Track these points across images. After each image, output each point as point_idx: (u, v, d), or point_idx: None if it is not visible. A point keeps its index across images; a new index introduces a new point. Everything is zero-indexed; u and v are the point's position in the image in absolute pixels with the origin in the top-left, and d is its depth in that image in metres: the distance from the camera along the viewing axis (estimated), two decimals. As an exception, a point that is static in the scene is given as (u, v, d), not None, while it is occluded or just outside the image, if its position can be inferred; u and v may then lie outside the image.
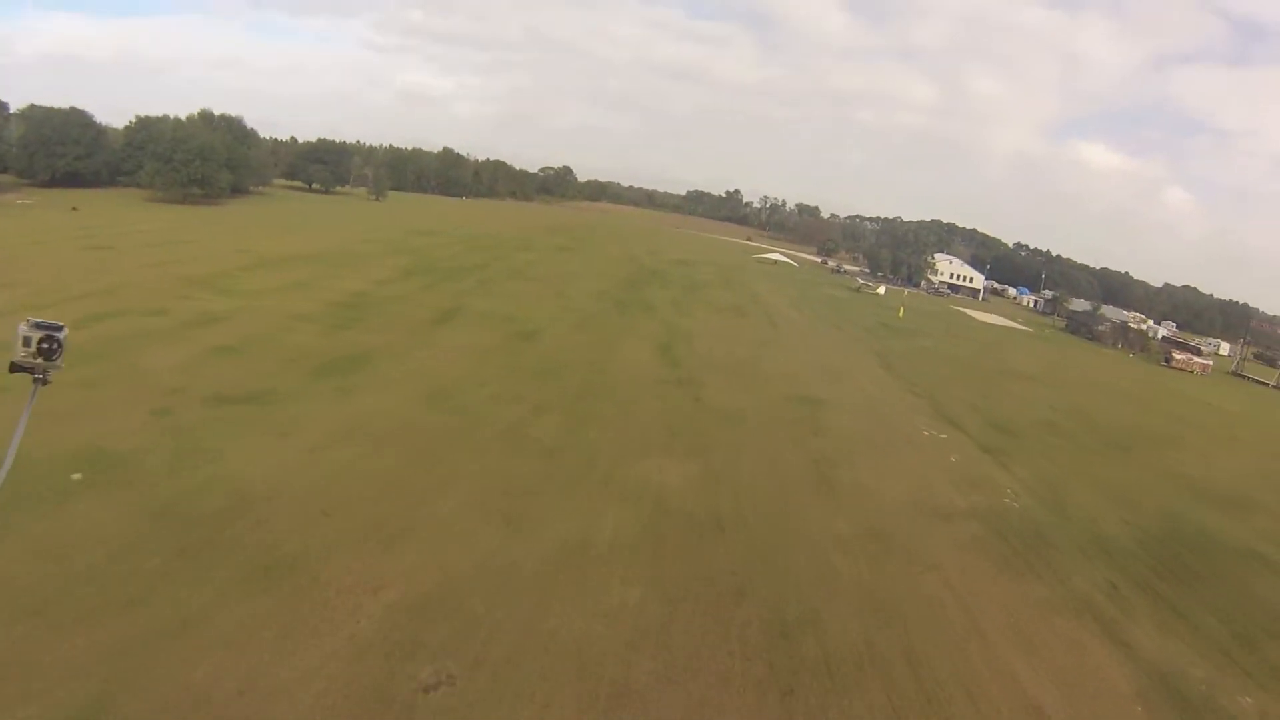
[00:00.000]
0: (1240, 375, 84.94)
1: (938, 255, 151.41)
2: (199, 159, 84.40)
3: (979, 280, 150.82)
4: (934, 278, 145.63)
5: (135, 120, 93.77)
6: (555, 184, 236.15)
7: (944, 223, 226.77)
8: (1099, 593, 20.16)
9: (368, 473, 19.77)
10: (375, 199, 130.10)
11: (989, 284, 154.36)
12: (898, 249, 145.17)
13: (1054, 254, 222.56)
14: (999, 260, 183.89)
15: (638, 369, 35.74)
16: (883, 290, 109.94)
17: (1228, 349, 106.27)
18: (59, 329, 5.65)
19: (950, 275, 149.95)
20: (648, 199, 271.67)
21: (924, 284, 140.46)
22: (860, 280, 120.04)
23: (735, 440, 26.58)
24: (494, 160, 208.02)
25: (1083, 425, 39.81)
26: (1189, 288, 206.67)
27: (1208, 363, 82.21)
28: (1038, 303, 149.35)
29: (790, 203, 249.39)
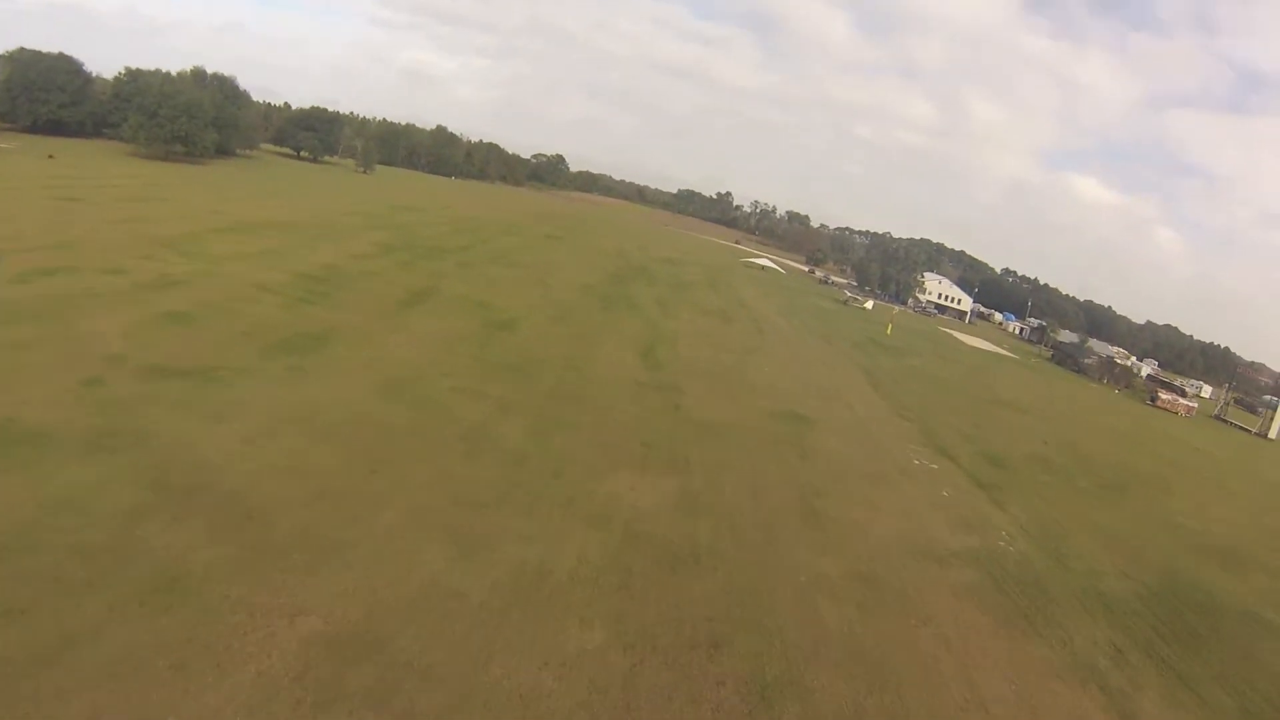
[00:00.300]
0: (1223, 419, 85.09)
1: (927, 274, 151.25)
2: (185, 116, 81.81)
3: (967, 302, 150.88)
4: (922, 296, 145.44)
5: (124, 72, 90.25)
6: (547, 171, 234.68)
7: (933, 242, 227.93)
8: (1103, 656, 18.67)
9: (305, 471, 17.64)
10: (363, 171, 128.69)
11: (975, 307, 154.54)
12: (887, 264, 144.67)
13: (1041, 282, 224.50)
14: (986, 284, 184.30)
15: (617, 370, 33.80)
16: (870, 305, 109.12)
17: (1209, 391, 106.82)
18: None
19: (938, 295, 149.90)
20: (638, 194, 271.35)
21: (911, 302, 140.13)
22: (848, 293, 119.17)
23: (716, 458, 24.73)
24: (487, 142, 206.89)
25: (1076, 463, 38.59)
26: (1170, 327, 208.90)
27: (1193, 405, 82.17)
28: (1024, 330, 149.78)
29: (780, 209, 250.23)
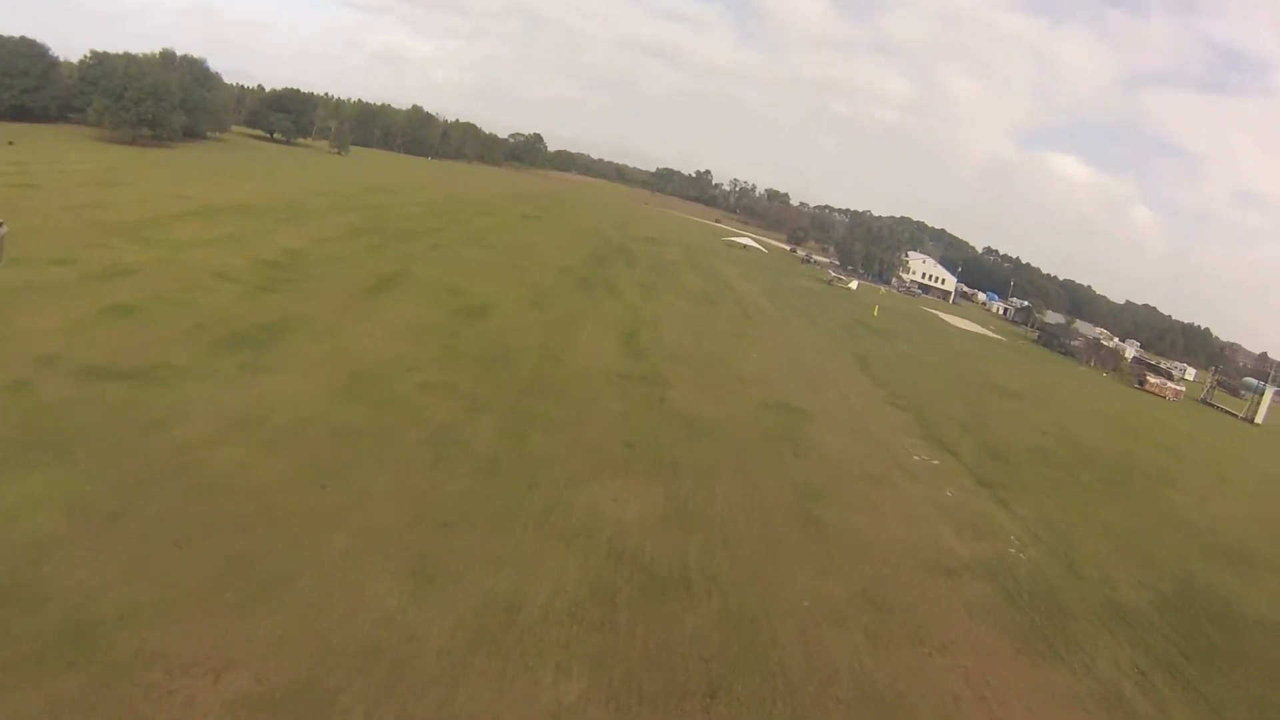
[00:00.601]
0: (1209, 404, 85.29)
1: (911, 253, 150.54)
2: (151, 98, 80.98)
3: (950, 282, 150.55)
4: (906, 276, 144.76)
5: (90, 55, 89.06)
6: (525, 151, 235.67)
7: (913, 220, 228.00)
8: (1128, 681, 17.33)
9: (248, 487, 15.67)
10: (337, 153, 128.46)
11: (959, 287, 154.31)
12: (871, 243, 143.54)
13: (1023, 261, 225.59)
14: (968, 263, 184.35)
15: (597, 359, 31.90)
16: (855, 285, 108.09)
17: (1193, 374, 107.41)
18: None
19: (922, 275, 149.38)
20: (617, 173, 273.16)
21: (895, 282, 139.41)
22: (832, 273, 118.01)
23: (705, 459, 22.99)
24: (464, 122, 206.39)
25: (1076, 455, 37.49)
26: (1149, 306, 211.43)
27: (1181, 389, 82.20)
28: (1007, 310, 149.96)
29: (760, 187, 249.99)
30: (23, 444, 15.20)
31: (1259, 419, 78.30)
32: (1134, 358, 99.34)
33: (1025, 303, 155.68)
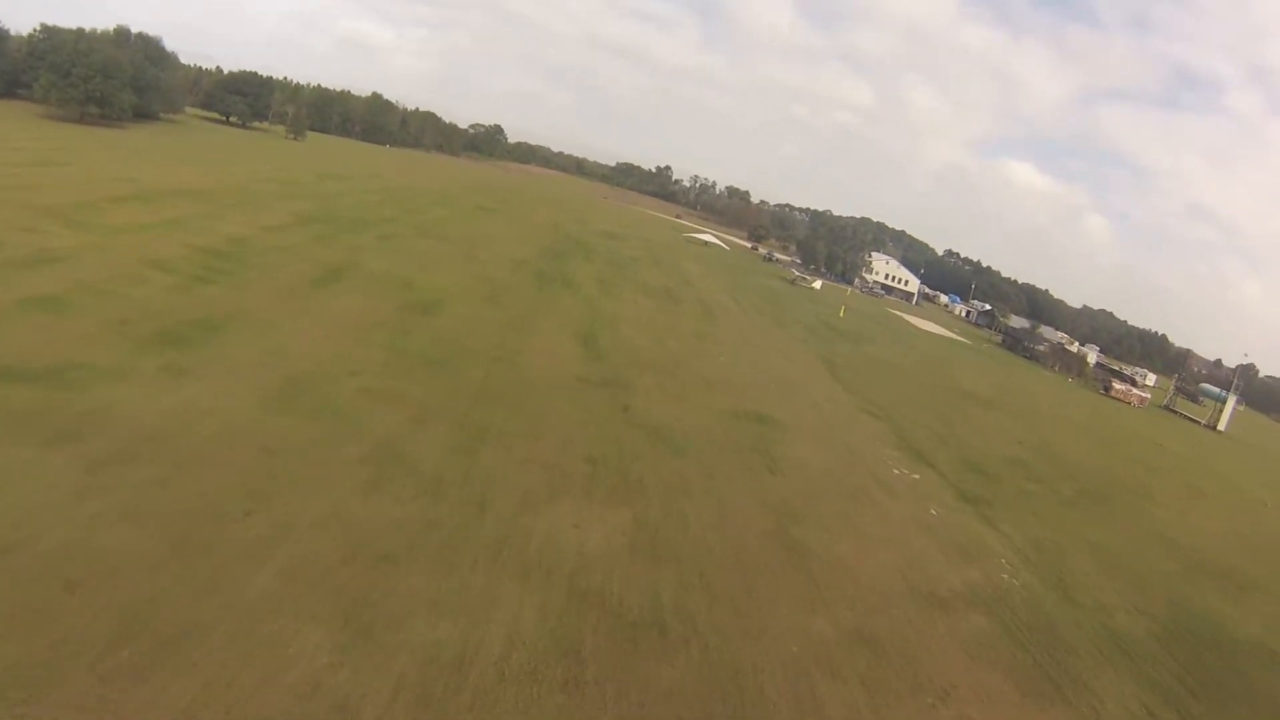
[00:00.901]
0: (1172, 410, 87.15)
1: (874, 254, 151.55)
2: (100, 76, 78.93)
3: (913, 283, 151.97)
4: (869, 277, 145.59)
5: (40, 28, 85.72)
6: (484, 142, 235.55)
7: (873, 221, 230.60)
8: (1138, 724, 16.24)
9: (160, 516, 13.62)
10: (293, 138, 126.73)
11: (921, 288, 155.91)
12: (834, 243, 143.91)
13: (983, 264, 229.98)
14: (929, 265, 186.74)
15: (555, 362, 30.03)
16: (819, 285, 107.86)
17: (1153, 379, 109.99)
18: None
19: (885, 276, 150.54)
20: (577, 166, 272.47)
21: (858, 282, 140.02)
22: (795, 272, 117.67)
23: (674, 476, 21.32)
24: (423, 111, 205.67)
25: (1054, 467, 37.00)
26: (1105, 312, 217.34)
27: (1146, 396, 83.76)
28: (970, 313, 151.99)
29: (720, 185, 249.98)
30: None
31: (1221, 426, 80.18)
32: (1097, 363, 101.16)
33: (987, 306, 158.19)
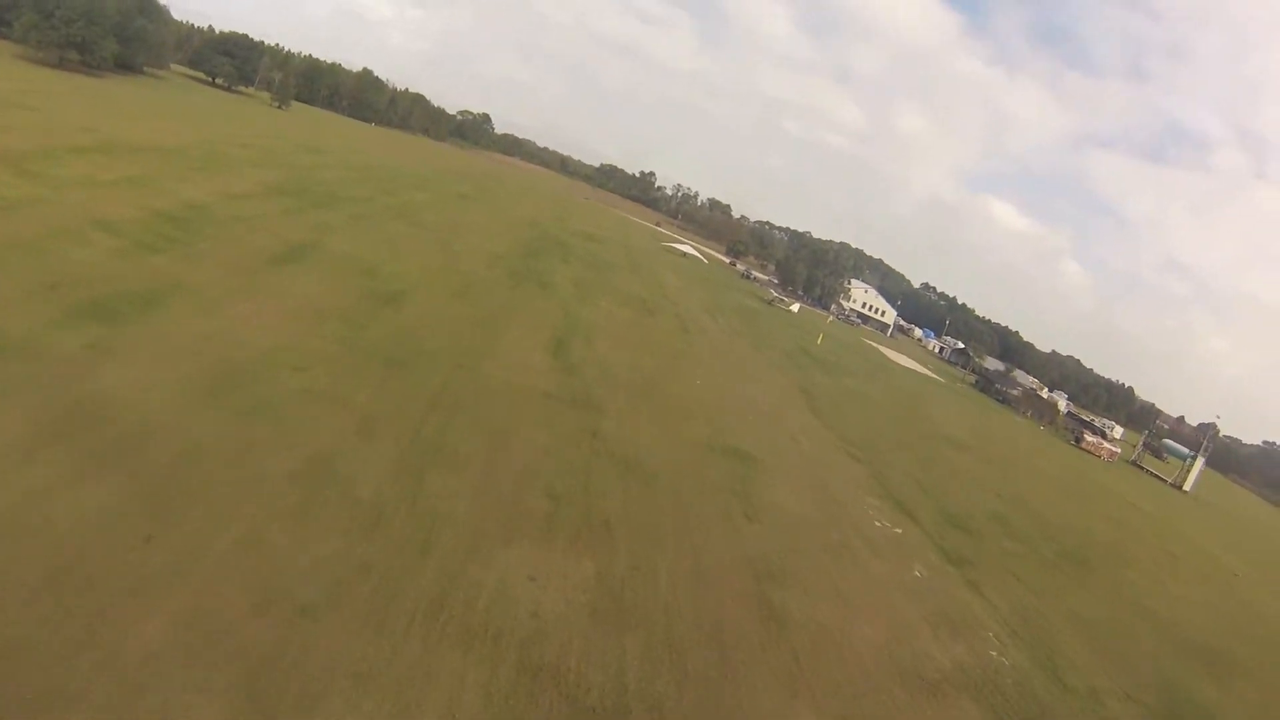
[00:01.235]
0: (1139, 466, 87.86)
1: (853, 281, 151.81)
2: (83, 20, 77.30)
3: (890, 314, 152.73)
4: (846, 304, 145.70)
5: None
6: (471, 130, 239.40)
7: (852, 247, 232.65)
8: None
9: (37, 535, 11.55)
10: (278, 106, 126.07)
11: (897, 320, 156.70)
12: (815, 266, 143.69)
13: (958, 301, 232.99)
14: (904, 297, 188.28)
15: (521, 373, 28.05)
16: (796, 308, 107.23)
17: (1120, 432, 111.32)
18: None
19: (863, 304, 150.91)
20: (561, 164, 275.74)
21: (834, 308, 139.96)
22: (774, 293, 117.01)
23: (645, 519, 19.49)
24: (413, 92, 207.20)
25: (1033, 526, 36.02)
26: (1074, 359, 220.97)
27: (1116, 450, 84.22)
28: (943, 349, 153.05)
29: (702, 195, 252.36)
30: None
31: (1187, 487, 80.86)
32: (1067, 412, 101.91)
33: (959, 344, 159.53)
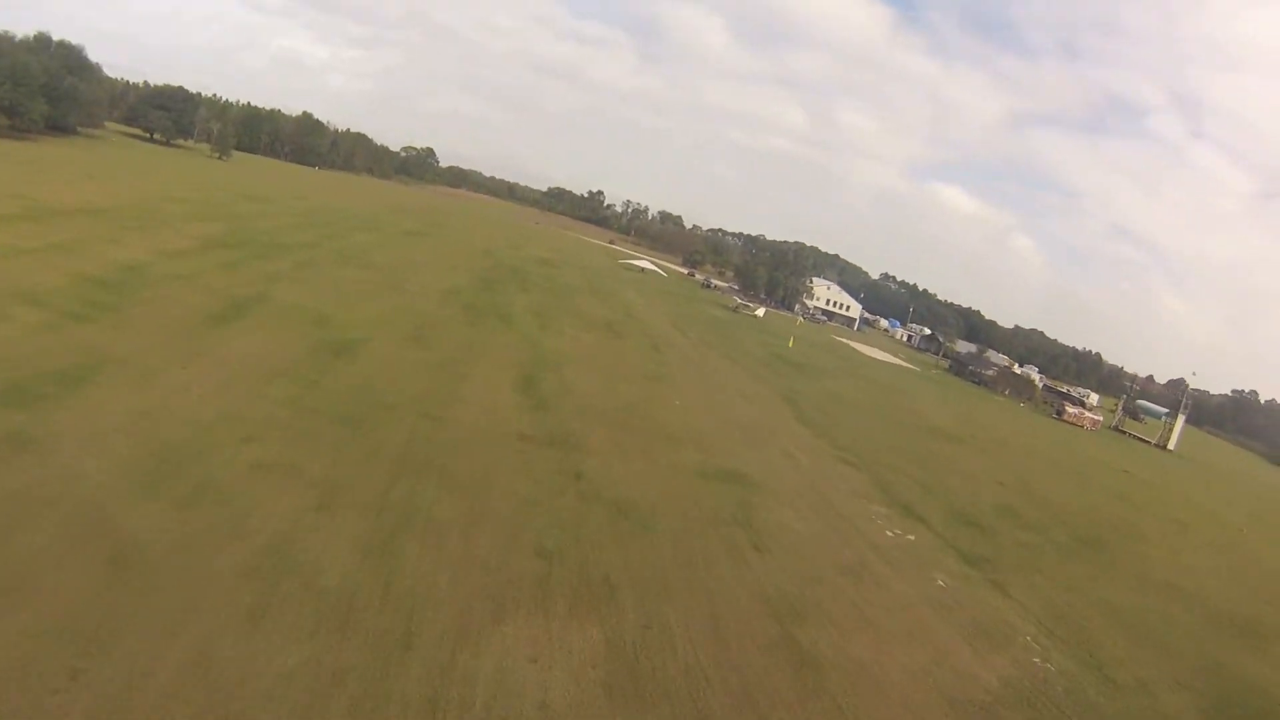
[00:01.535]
0: (1121, 431, 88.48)
1: (815, 279, 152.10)
2: (9, 82, 75.71)
3: (855, 308, 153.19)
4: (810, 302, 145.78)
5: None
6: (416, 165, 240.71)
7: (808, 245, 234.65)
8: None
9: None
10: (218, 157, 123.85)
11: (862, 313, 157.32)
12: (775, 268, 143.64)
13: (919, 288, 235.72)
14: (866, 289, 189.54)
15: (491, 416, 26.41)
16: (762, 313, 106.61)
17: (1096, 399, 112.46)
18: None
19: (827, 301, 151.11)
20: (509, 191, 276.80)
21: (798, 308, 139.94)
22: (738, 299, 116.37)
23: (647, 569, 17.91)
24: (354, 132, 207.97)
25: (1041, 512, 35.23)
26: (1037, 331, 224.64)
27: (1098, 419, 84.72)
28: (911, 337, 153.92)
29: (653, 210, 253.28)
30: None
31: (1171, 445, 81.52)
32: (1044, 385, 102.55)
33: (926, 330, 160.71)
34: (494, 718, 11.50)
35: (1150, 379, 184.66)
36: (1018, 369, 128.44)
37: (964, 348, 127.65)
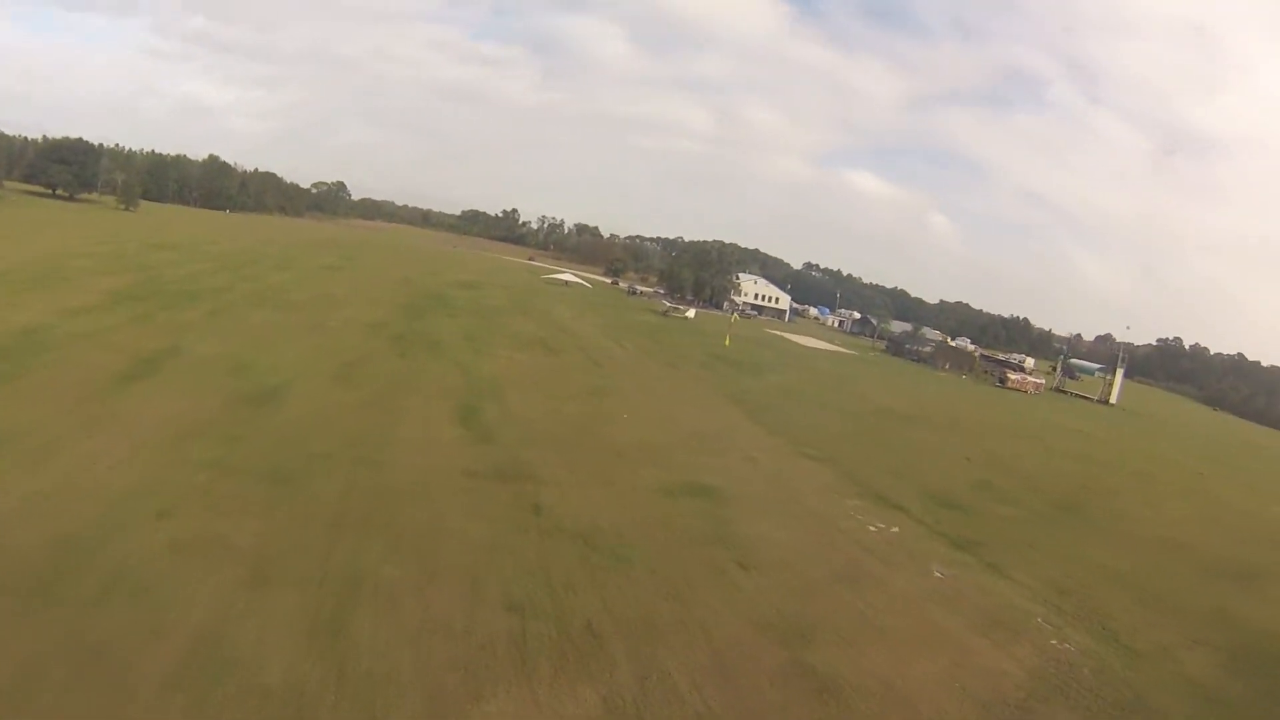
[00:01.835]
0: (1063, 392, 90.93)
1: (742, 275, 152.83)
2: None
3: (785, 300, 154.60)
4: (738, 299, 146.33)
5: None
6: (328, 201, 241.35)
7: (725, 243, 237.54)
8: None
9: None
10: (124, 207, 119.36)
11: (791, 304, 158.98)
12: (700, 268, 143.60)
13: (843, 273, 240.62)
14: (790, 279, 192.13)
15: (433, 454, 24.39)
16: (692, 314, 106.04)
17: (1031, 362, 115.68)
18: None
19: (755, 296, 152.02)
20: (423, 218, 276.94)
21: (727, 305, 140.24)
22: (666, 303, 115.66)
23: (631, 609, 16.17)
24: (263, 172, 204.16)
25: (1014, 482, 35.08)
26: (962, 304, 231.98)
27: (1041, 382, 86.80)
28: (843, 323, 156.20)
29: (569, 223, 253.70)
30: None
31: (1113, 400, 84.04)
32: (981, 355, 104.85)
33: (857, 314, 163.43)
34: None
35: (1079, 337, 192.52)
36: (952, 342, 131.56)
37: (898, 327, 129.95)
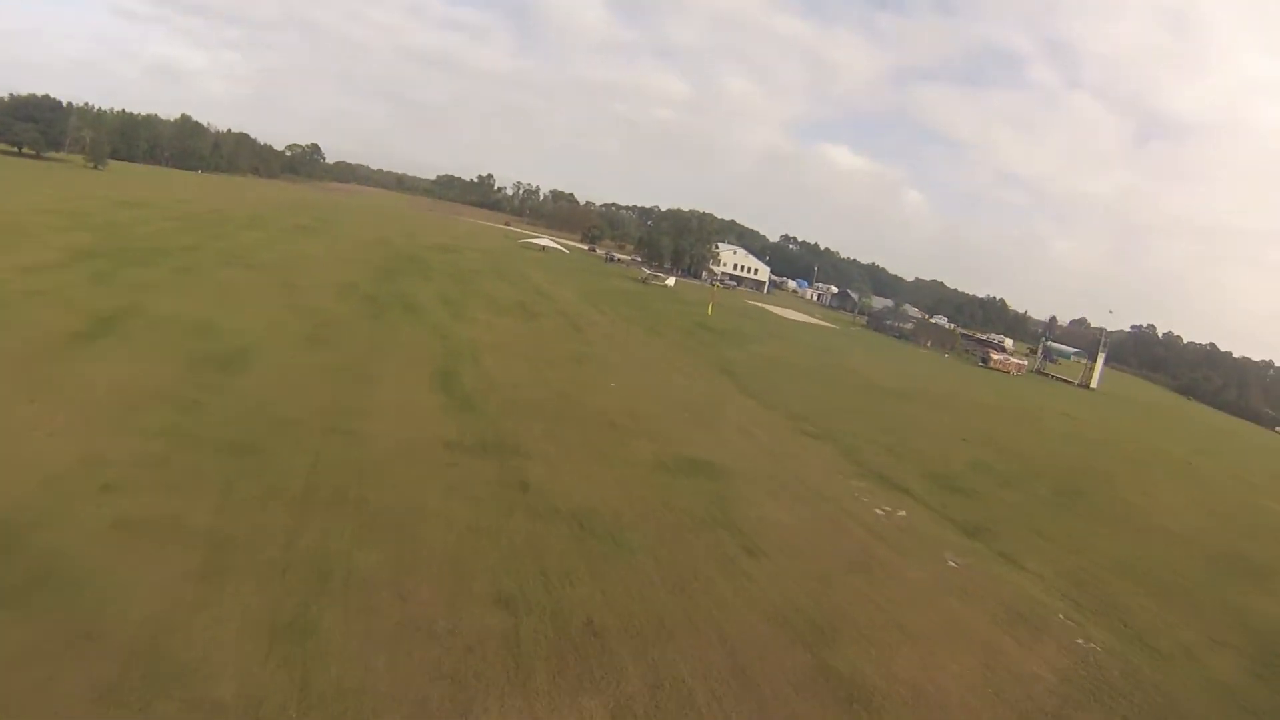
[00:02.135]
0: (1044, 374, 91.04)
1: (721, 245, 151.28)
2: None
3: (764, 271, 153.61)
4: (717, 269, 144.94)
5: None
6: (302, 163, 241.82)
7: (701, 212, 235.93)
8: None
9: None
10: (93, 166, 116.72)
11: (770, 276, 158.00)
12: (680, 236, 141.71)
13: (821, 247, 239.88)
14: (768, 251, 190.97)
15: (411, 424, 22.60)
16: (672, 282, 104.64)
17: (1010, 344, 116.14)
18: None
19: (734, 266, 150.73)
20: (397, 182, 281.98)
21: (706, 275, 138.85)
22: (646, 271, 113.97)
23: (635, 603, 14.78)
24: (236, 133, 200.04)
25: (1013, 465, 34.44)
26: (937, 282, 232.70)
27: (1023, 363, 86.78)
28: (821, 296, 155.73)
29: (544, 189, 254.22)
30: None
31: (1094, 384, 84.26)
32: (963, 334, 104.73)
33: (834, 288, 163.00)
34: None
35: (1054, 320, 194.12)
36: (931, 320, 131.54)
37: (879, 303, 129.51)
